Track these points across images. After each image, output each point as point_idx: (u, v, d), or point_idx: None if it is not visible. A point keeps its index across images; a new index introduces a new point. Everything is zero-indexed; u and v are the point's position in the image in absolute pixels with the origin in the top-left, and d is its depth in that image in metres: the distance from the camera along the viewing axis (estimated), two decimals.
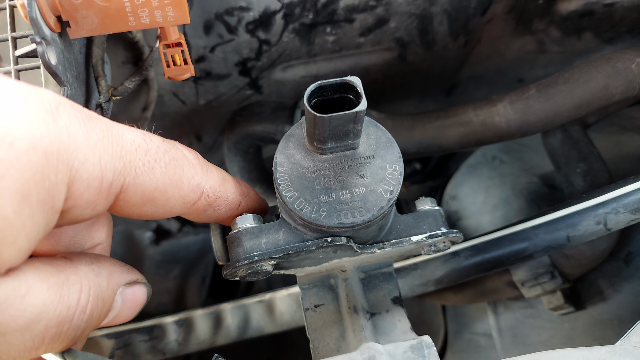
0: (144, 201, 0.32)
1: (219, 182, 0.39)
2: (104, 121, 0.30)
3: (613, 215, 0.60)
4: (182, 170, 0.34)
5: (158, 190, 0.32)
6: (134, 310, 0.38)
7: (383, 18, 0.80)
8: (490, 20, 0.89)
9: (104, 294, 0.33)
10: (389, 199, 0.44)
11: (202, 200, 0.37)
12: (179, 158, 0.34)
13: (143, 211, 0.33)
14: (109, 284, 0.33)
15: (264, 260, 0.45)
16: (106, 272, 0.34)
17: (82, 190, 0.27)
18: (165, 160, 0.33)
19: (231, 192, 0.41)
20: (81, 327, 0.30)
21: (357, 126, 0.42)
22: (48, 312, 0.27)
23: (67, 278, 0.29)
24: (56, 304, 0.28)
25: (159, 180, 0.32)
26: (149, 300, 0.42)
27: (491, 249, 0.67)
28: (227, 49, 0.78)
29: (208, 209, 0.39)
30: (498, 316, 0.96)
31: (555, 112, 0.70)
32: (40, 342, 0.27)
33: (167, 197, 0.33)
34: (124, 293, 0.36)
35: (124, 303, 0.36)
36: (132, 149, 0.30)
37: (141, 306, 0.39)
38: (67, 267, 0.30)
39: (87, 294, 0.30)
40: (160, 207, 0.33)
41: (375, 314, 0.55)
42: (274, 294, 0.75)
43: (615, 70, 0.68)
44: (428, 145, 0.76)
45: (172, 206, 0.34)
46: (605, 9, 0.92)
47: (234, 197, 0.42)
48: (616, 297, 0.79)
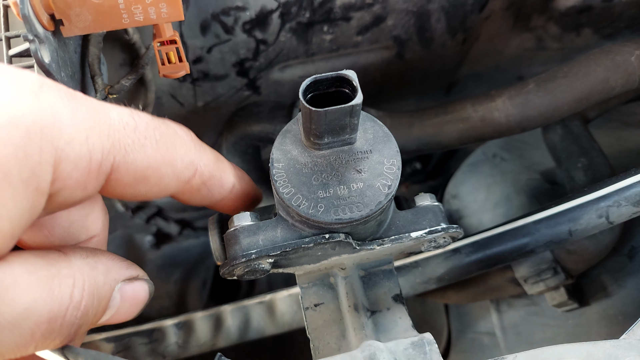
0: (136, 180, 0.31)
1: (213, 161, 0.38)
2: (90, 100, 0.29)
3: (615, 208, 0.60)
4: (175, 147, 0.33)
5: (150, 167, 0.31)
6: (135, 308, 0.37)
7: (380, 16, 0.80)
8: (488, 17, 0.89)
9: (100, 289, 0.31)
10: (387, 194, 0.44)
11: (197, 178, 0.36)
12: (171, 134, 0.33)
13: (137, 191, 0.32)
14: (105, 280, 0.32)
15: (261, 258, 0.44)
16: (103, 266, 0.32)
17: (69, 171, 0.26)
18: (156, 137, 0.32)
19: (225, 172, 0.40)
20: (75, 324, 0.29)
21: (353, 120, 0.42)
22: (38, 307, 0.26)
23: (59, 271, 0.28)
24: (47, 298, 0.26)
25: (150, 158, 0.31)
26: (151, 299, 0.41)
27: (492, 245, 0.67)
28: (224, 49, 0.78)
29: (202, 189, 0.38)
30: (501, 314, 0.96)
31: (554, 106, 0.70)
32: (30, 339, 0.26)
33: (161, 175, 0.32)
34: (123, 289, 0.34)
35: (123, 300, 0.34)
36: (120, 127, 0.29)
37: (142, 304, 0.38)
38: (60, 260, 0.29)
39: (81, 289, 0.29)
40: (154, 186, 0.32)
41: (376, 312, 0.54)
42: (274, 295, 0.75)
43: (615, 63, 0.67)
44: (427, 142, 0.76)
45: (166, 184, 0.33)
46: (604, 5, 0.91)
47: (228, 178, 0.41)
48: (620, 293, 0.78)
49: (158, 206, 1.22)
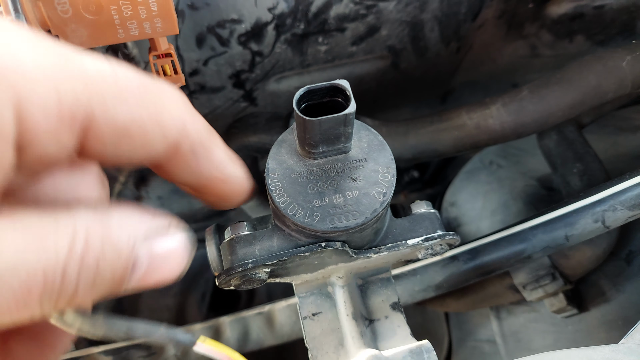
0: (118, 136, 0.27)
1: (205, 129, 0.33)
2: (62, 46, 0.26)
3: (611, 212, 0.60)
4: (163, 103, 0.29)
5: (135, 122, 0.27)
6: (174, 264, 0.30)
7: (374, 26, 0.80)
8: (481, 26, 0.90)
9: (114, 241, 0.27)
10: (382, 202, 0.44)
11: (186, 144, 0.31)
12: (158, 90, 0.29)
13: (120, 150, 0.28)
14: (121, 230, 0.27)
15: (257, 267, 0.44)
16: (117, 215, 0.28)
17: (37, 117, 0.24)
18: (140, 90, 0.28)
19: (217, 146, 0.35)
20: (83, 279, 0.25)
21: (347, 129, 0.42)
22: (26, 260, 0.23)
23: (55, 222, 0.25)
24: (38, 251, 0.23)
25: (134, 112, 0.27)
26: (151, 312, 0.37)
27: (490, 251, 0.67)
28: (220, 62, 0.79)
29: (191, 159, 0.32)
30: (501, 321, 0.95)
31: (548, 112, 0.70)
32: (28, 297, 0.23)
33: (146, 132, 0.28)
34: (150, 243, 0.29)
35: (152, 257, 0.29)
36: (98, 77, 0.26)
37: (183, 260, 0.31)
38: (57, 210, 0.26)
39: (83, 240, 0.25)
40: (139, 146, 0.28)
41: (374, 320, 0.54)
42: (273, 306, 0.75)
43: (607, 68, 0.68)
44: (423, 150, 0.76)
45: (153, 144, 0.29)
46: (596, 12, 0.92)
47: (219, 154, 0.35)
48: (619, 298, 0.78)
49: None
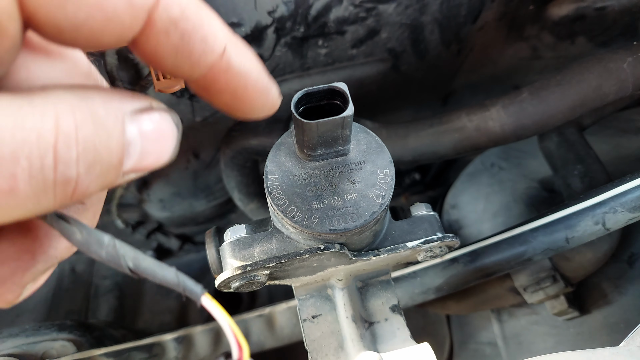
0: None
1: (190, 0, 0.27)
2: None
3: (611, 214, 0.60)
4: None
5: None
6: (165, 143, 0.28)
7: (374, 29, 0.81)
8: (481, 28, 0.90)
9: (103, 120, 0.24)
10: (381, 204, 0.44)
11: (161, 11, 0.25)
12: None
13: (71, 13, 0.23)
14: (107, 110, 0.24)
15: (257, 269, 0.44)
16: (99, 96, 0.25)
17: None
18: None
19: (210, 22, 0.27)
20: (82, 161, 0.23)
21: (345, 132, 0.42)
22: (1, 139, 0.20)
23: (30, 101, 0.22)
24: (10, 128, 0.20)
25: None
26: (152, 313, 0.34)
27: (490, 253, 0.67)
28: None
29: (172, 32, 0.26)
30: (502, 324, 0.95)
31: (549, 114, 0.70)
32: (12, 181, 0.21)
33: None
34: (138, 121, 0.26)
35: (144, 134, 0.26)
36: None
37: (173, 138, 0.28)
38: (32, 91, 0.23)
39: (71, 118, 0.22)
40: (94, 7, 0.23)
41: (374, 322, 0.54)
42: (273, 308, 0.75)
43: (607, 70, 0.68)
44: (423, 152, 0.76)
45: (114, 8, 0.23)
46: (597, 13, 0.92)
47: (214, 33, 0.27)
48: (621, 300, 0.78)
49: (158, 221, 1.22)
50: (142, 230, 1.22)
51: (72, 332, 0.77)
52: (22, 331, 0.74)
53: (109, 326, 0.86)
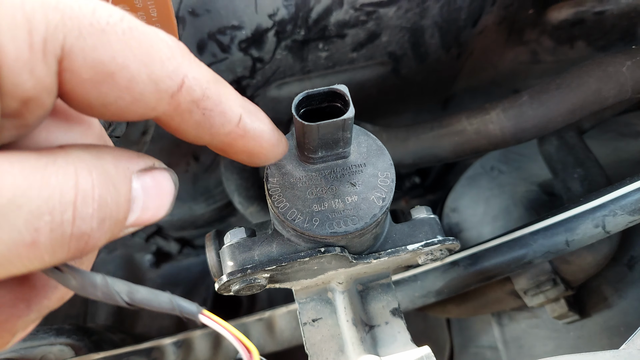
0: (98, 75, 0.25)
1: (208, 78, 0.30)
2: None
3: (611, 217, 0.60)
4: (151, 46, 0.26)
5: (115, 61, 0.25)
6: (164, 200, 0.31)
7: (374, 32, 0.81)
8: (481, 32, 0.90)
9: (114, 178, 0.26)
10: (381, 207, 0.44)
11: (185, 94, 0.28)
12: (146, 32, 0.26)
13: (103, 94, 0.26)
14: (117, 169, 0.27)
15: (257, 272, 0.44)
16: (110, 157, 0.27)
17: (4, 42, 0.22)
18: (123, 27, 0.25)
19: (227, 97, 0.31)
20: (95, 217, 0.25)
21: (346, 134, 0.42)
22: (28, 196, 0.22)
23: (54, 160, 0.24)
24: (40, 187, 0.23)
25: (115, 49, 0.25)
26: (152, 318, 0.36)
27: (490, 256, 0.67)
28: (221, 68, 0.79)
29: (195, 111, 0.29)
30: (503, 328, 0.95)
31: (548, 117, 0.70)
32: (35, 235, 0.23)
33: (131, 76, 0.26)
34: (142, 180, 0.29)
35: (146, 191, 0.29)
36: (72, 4, 0.24)
37: (171, 195, 0.31)
38: (55, 151, 0.25)
39: (89, 177, 0.25)
40: (125, 91, 0.26)
41: (375, 326, 0.54)
42: (273, 312, 0.74)
43: (607, 73, 0.68)
44: (423, 155, 0.76)
45: (142, 91, 0.26)
46: (596, 17, 0.93)
47: (231, 106, 0.31)
48: (621, 303, 0.78)
49: (157, 225, 1.22)
50: (141, 234, 1.22)
51: (70, 336, 0.76)
52: None
53: (107, 330, 0.86)
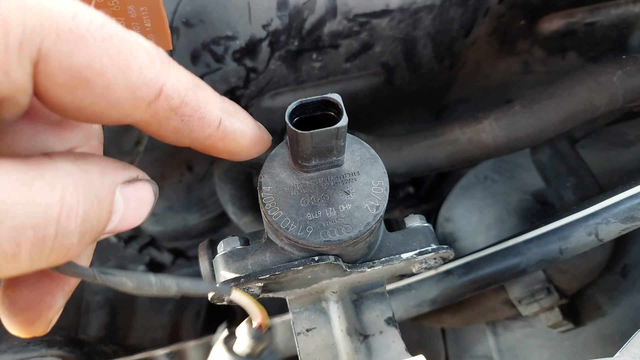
0: (74, 81, 0.24)
1: (187, 85, 0.29)
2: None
3: (604, 225, 0.60)
4: (130, 53, 0.26)
5: (92, 68, 0.24)
6: (142, 211, 0.32)
7: (368, 43, 0.81)
8: (474, 43, 0.91)
9: (99, 192, 0.27)
10: (375, 215, 0.44)
11: (162, 102, 0.28)
12: (126, 38, 0.26)
13: (78, 98, 0.25)
14: (102, 182, 0.28)
15: (250, 281, 0.44)
16: (96, 169, 0.28)
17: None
18: (103, 33, 0.25)
19: (206, 102, 0.31)
20: (77, 232, 0.25)
21: (339, 142, 0.42)
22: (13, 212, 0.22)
23: (41, 175, 0.24)
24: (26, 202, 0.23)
25: (92, 56, 0.24)
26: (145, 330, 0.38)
27: (484, 265, 0.67)
28: (215, 78, 0.79)
29: (173, 118, 0.29)
30: (497, 337, 0.95)
31: (541, 127, 0.71)
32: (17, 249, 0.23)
33: (108, 82, 0.25)
34: (124, 192, 0.30)
35: (127, 203, 0.30)
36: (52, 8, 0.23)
37: (149, 206, 0.33)
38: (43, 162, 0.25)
39: (75, 192, 0.25)
40: (100, 97, 0.26)
41: (369, 335, 0.54)
42: None
43: (598, 83, 0.69)
44: (417, 165, 0.76)
45: (118, 99, 0.26)
46: (587, 28, 0.94)
47: (210, 110, 0.32)
48: (615, 312, 0.78)
49: (151, 235, 1.21)
50: (135, 245, 1.21)
51: (62, 348, 0.75)
52: (10, 347, 0.72)
53: (99, 342, 0.85)
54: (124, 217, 0.30)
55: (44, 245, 0.24)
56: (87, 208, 0.26)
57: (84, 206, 0.25)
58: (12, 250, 0.23)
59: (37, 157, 0.25)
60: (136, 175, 0.31)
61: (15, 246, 0.23)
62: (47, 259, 0.25)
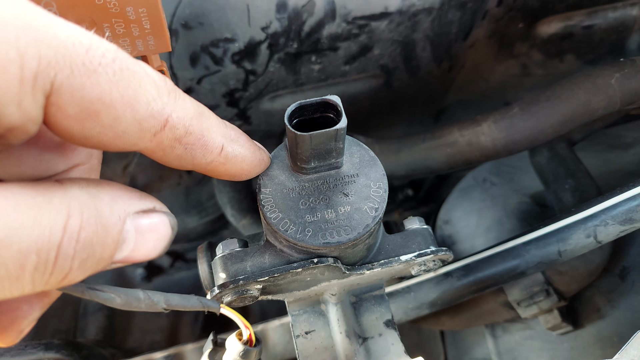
0: (83, 112, 0.25)
1: (191, 115, 0.31)
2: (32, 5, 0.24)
3: (602, 227, 0.60)
4: (139, 86, 0.27)
5: (102, 101, 0.25)
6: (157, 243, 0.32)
7: (367, 46, 0.81)
8: (472, 45, 0.91)
9: (106, 220, 0.27)
10: (374, 217, 0.44)
11: (167, 132, 0.29)
12: (136, 71, 0.27)
13: (86, 128, 0.26)
14: (112, 210, 0.28)
15: (249, 283, 0.44)
16: (108, 196, 0.28)
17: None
18: (115, 67, 0.26)
19: (209, 130, 0.33)
20: (76, 258, 0.25)
21: (338, 144, 0.42)
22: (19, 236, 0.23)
23: (49, 200, 0.25)
24: (31, 227, 0.23)
25: (103, 89, 0.25)
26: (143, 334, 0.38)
27: (483, 267, 0.67)
28: (214, 80, 0.79)
29: (177, 146, 0.31)
30: (497, 339, 0.95)
31: (539, 129, 0.71)
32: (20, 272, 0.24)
33: (116, 115, 0.26)
34: (137, 222, 0.30)
35: (139, 234, 0.30)
36: (67, 41, 0.24)
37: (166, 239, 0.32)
38: (52, 188, 0.26)
39: (79, 218, 0.25)
40: (107, 128, 0.27)
41: (368, 338, 0.54)
42: (266, 325, 0.74)
43: (596, 86, 0.69)
44: (416, 167, 0.76)
45: (125, 130, 0.27)
46: (585, 31, 0.94)
47: (213, 138, 0.33)
48: (614, 314, 0.78)
49: None
50: None
51: (59, 352, 0.75)
52: (7, 351, 0.72)
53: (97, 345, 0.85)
54: (135, 248, 0.30)
55: (45, 269, 0.25)
56: (90, 235, 0.26)
57: (86, 233, 0.26)
58: (17, 273, 0.24)
59: (47, 182, 0.26)
60: (152, 207, 0.31)
61: (19, 269, 0.24)
62: (47, 282, 0.25)
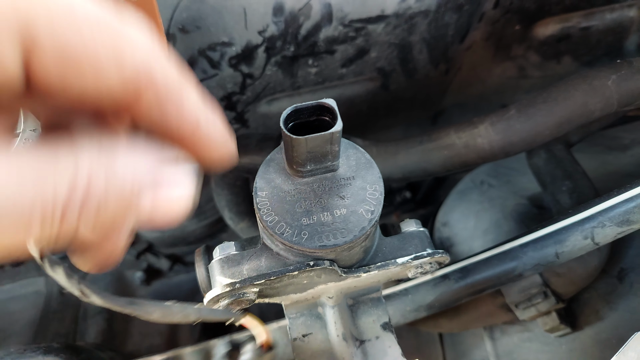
0: (66, 62, 0.24)
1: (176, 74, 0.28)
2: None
3: (600, 229, 0.60)
4: (125, 39, 0.25)
5: (86, 50, 0.24)
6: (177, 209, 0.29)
7: (363, 48, 0.82)
8: (469, 48, 0.91)
9: (118, 181, 0.25)
10: (370, 219, 0.44)
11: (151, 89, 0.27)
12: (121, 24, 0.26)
13: (67, 82, 0.25)
14: (126, 169, 0.26)
15: (245, 286, 0.44)
16: (121, 153, 0.26)
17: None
18: (100, 19, 0.25)
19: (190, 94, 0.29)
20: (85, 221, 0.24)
21: (334, 147, 0.42)
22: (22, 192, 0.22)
23: (55, 156, 0.23)
24: (34, 186, 0.22)
25: (87, 38, 0.24)
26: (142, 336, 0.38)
27: (481, 269, 0.67)
28: (212, 84, 0.80)
29: (155, 106, 0.28)
30: (495, 342, 0.94)
31: (536, 131, 0.71)
32: (27, 228, 0.23)
33: (100, 66, 0.25)
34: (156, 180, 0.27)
35: (156, 198, 0.27)
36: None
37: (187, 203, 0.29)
38: (61, 141, 0.24)
39: (86, 177, 0.24)
40: (90, 80, 0.25)
41: (365, 341, 0.54)
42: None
43: (592, 87, 0.69)
44: (413, 170, 0.76)
45: (107, 82, 0.25)
46: (582, 33, 0.94)
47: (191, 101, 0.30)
48: (612, 316, 0.78)
49: (148, 241, 1.21)
50: (132, 251, 1.21)
51: (59, 355, 0.75)
52: (6, 354, 0.72)
53: (97, 348, 0.84)
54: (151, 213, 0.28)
55: (52, 227, 0.24)
56: (98, 195, 0.24)
57: (96, 193, 0.24)
58: (23, 230, 0.23)
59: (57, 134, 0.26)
60: (173, 158, 0.29)
61: (27, 225, 0.23)
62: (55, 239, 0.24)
